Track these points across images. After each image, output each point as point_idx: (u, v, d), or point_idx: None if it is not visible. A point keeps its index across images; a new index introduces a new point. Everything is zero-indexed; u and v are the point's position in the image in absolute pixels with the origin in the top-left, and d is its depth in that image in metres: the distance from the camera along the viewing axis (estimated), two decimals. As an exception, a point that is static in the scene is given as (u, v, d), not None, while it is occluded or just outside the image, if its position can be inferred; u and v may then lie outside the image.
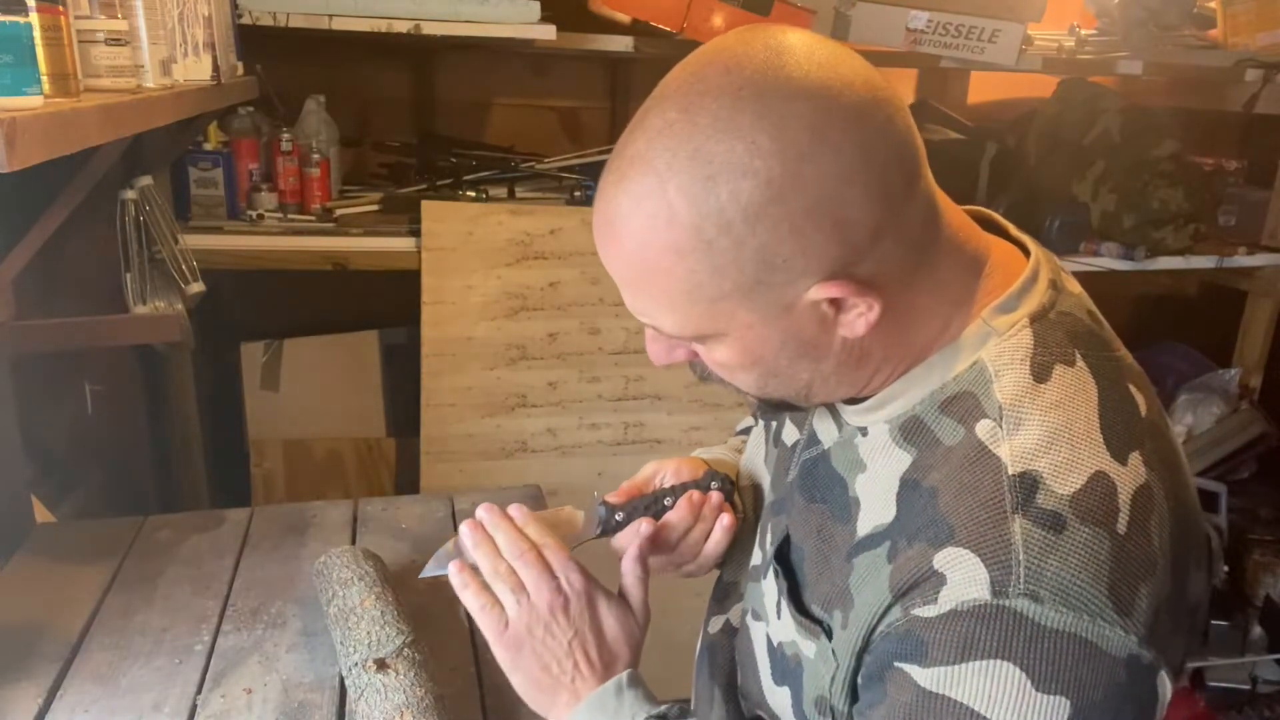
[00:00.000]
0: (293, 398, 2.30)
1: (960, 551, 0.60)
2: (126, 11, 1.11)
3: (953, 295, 0.67)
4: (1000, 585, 0.59)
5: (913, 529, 0.64)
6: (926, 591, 0.61)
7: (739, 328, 0.64)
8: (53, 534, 1.41)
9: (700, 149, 0.58)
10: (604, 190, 0.64)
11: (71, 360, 1.63)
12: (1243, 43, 2.45)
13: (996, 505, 0.61)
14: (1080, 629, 0.58)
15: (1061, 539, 0.59)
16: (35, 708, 1.02)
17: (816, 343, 0.65)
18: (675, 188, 0.59)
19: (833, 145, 0.58)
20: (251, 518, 1.46)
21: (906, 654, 0.62)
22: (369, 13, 1.83)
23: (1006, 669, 0.58)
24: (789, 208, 0.58)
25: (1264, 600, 2.34)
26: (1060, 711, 0.58)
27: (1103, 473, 0.61)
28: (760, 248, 0.59)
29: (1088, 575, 0.59)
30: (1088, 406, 0.64)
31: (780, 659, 0.75)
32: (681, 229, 0.60)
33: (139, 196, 1.64)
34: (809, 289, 0.61)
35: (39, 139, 0.78)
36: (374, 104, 2.44)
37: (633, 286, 0.66)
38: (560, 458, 2.22)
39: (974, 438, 0.64)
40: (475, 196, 2.15)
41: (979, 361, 0.66)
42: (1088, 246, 2.39)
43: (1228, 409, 2.57)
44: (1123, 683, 0.59)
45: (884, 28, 2.19)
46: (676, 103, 0.60)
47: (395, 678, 0.98)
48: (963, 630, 0.59)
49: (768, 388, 0.69)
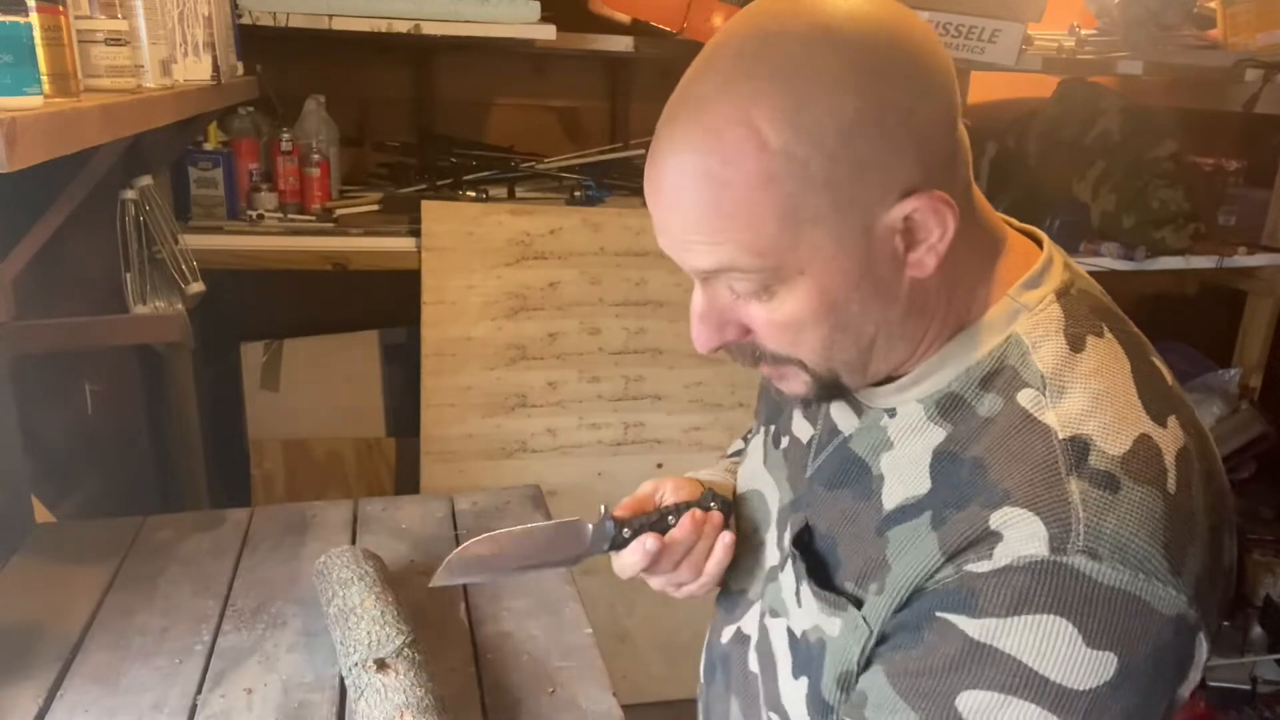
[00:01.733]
0: (293, 398, 2.30)
1: (1018, 511, 0.61)
2: (126, 11, 1.11)
3: (986, 262, 0.69)
4: (1059, 542, 0.59)
5: (961, 498, 0.64)
6: (982, 549, 0.61)
7: (821, 260, 0.62)
8: (53, 534, 1.41)
9: (786, 70, 0.59)
10: (671, 136, 0.62)
11: (71, 360, 1.63)
12: (1243, 43, 2.45)
13: (1051, 467, 0.61)
14: (1136, 587, 0.59)
15: (1118, 498, 0.60)
16: (35, 708, 1.02)
17: (888, 281, 0.64)
18: (764, 112, 0.59)
19: (916, 57, 0.61)
20: (251, 518, 1.46)
21: (954, 605, 0.62)
22: (369, 13, 1.83)
23: (1059, 624, 0.59)
24: (885, 120, 0.59)
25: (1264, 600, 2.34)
26: (1107, 667, 0.59)
27: (1147, 435, 0.63)
28: (855, 161, 0.59)
29: (1145, 534, 0.59)
30: (1123, 374, 0.65)
31: (803, 648, 0.74)
32: (774, 154, 0.59)
33: (139, 196, 1.64)
34: (894, 206, 0.61)
35: (39, 139, 0.78)
36: (374, 104, 2.44)
37: (707, 230, 0.63)
38: (560, 458, 2.22)
39: (1017, 407, 0.64)
40: (475, 196, 2.15)
41: (1013, 335, 0.67)
42: (1088, 246, 2.39)
43: (1228, 409, 2.57)
44: (1169, 642, 0.60)
45: (884, 28, 2.19)
46: (745, 39, 0.61)
47: (395, 678, 0.98)
48: (1017, 584, 0.60)
49: (833, 348, 0.67)
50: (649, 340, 2.23)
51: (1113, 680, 0.59)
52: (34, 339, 1.40)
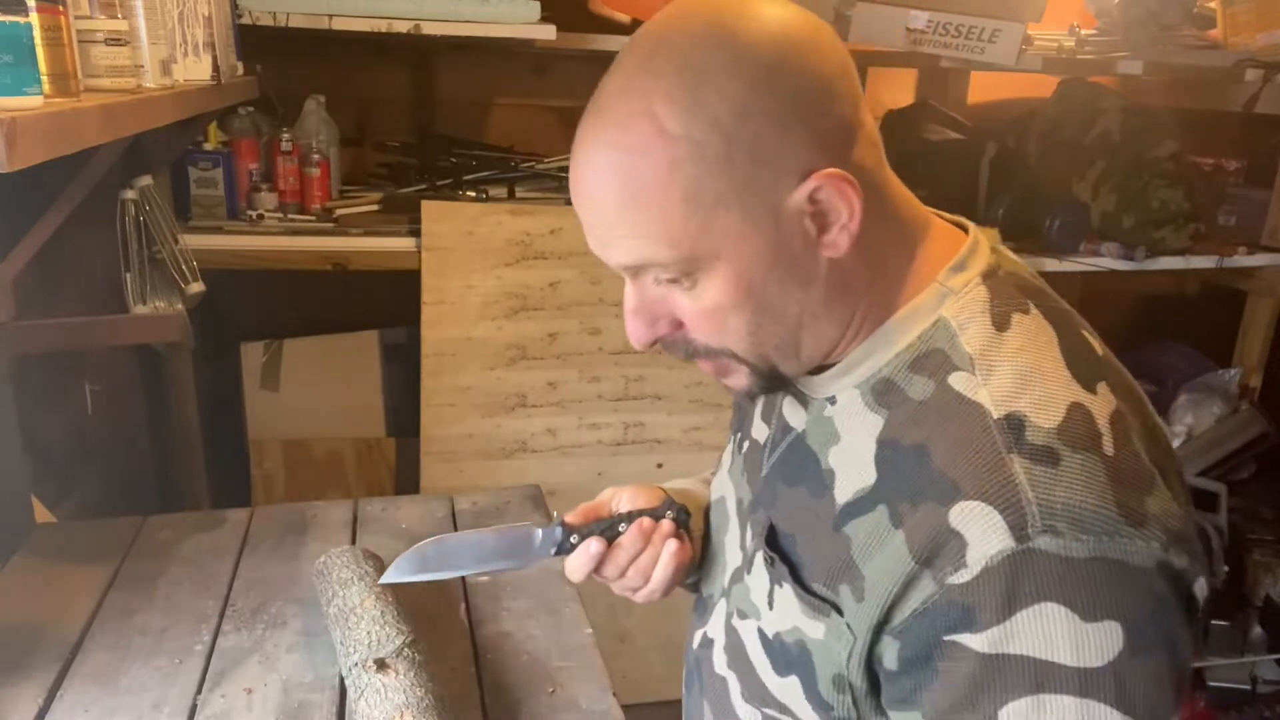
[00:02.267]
0: (293, 398, 2.30)
1: (971, 505, 0.62)
2: (126, 11, 1.11)
3: (909, 246, 0.71)
4: (1018, 528, 0.60)
5: (912, 490, 0.65)
6: (953, 556, 0.62)
7: (732, 243, 0.65)
8: (53, 534, 1.41)
9: (683, 63, 0.63)
10: (584, 135, 0.66)
11: (71, 360, 1.63)
12: (1243, 43, 2.45)
13: (991, 450, 0.63)
14: (1104, 550, 0.60)
15: (1060, 470, 0.61)
16: (35, 708, 1.02)
17: (803, 262, 0.67)
18: (662, 102, 0.63)
19: (804, 48, 0.64)
20: (251, 518, 1.46)
21: (953, 625, 0.62)
22: (369, 13, 1.83)
23: (1051, 609, 0.59)
24: (773, 102, 0.63)
25: (1264, 600, 2.34)
26: (1114, 636, 0.59)
27: (1078, 403, 0.64)
28: (750, 141, 0.63)
29: (1094, 497, 0.61)
30: (1050, 348, 0.67)
31: (779, 649, 0.75)
32: (673, 139, 0.62)
33: (139, 196, 1.64)
34: (796, 188, 0.64)
35: (39, 139, 0.78)
36: (374, 104, 2.44)
37: (623, 223, 0.66)
38: (560, 458, 2.22)
39: (949, 389, 0.66)
40: (475, 196, 2.15)
41: (941, 319, 0.69)
42: (1088, 246, 2.39)
43: (1228, 409, 2.57)
44: (1164, 593, 0.61)
45: (884, 28, 2.19)
46: (648, 41, 0.66)
47: (395, 678, 0.98)
48: (1001, 585, 0.60)
49: (760, 332, 0.69)
50: (649, 340, 2.23)
51: (1126, 647, 0.59)
52: (34, 339, 1.40)
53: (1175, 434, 2.52)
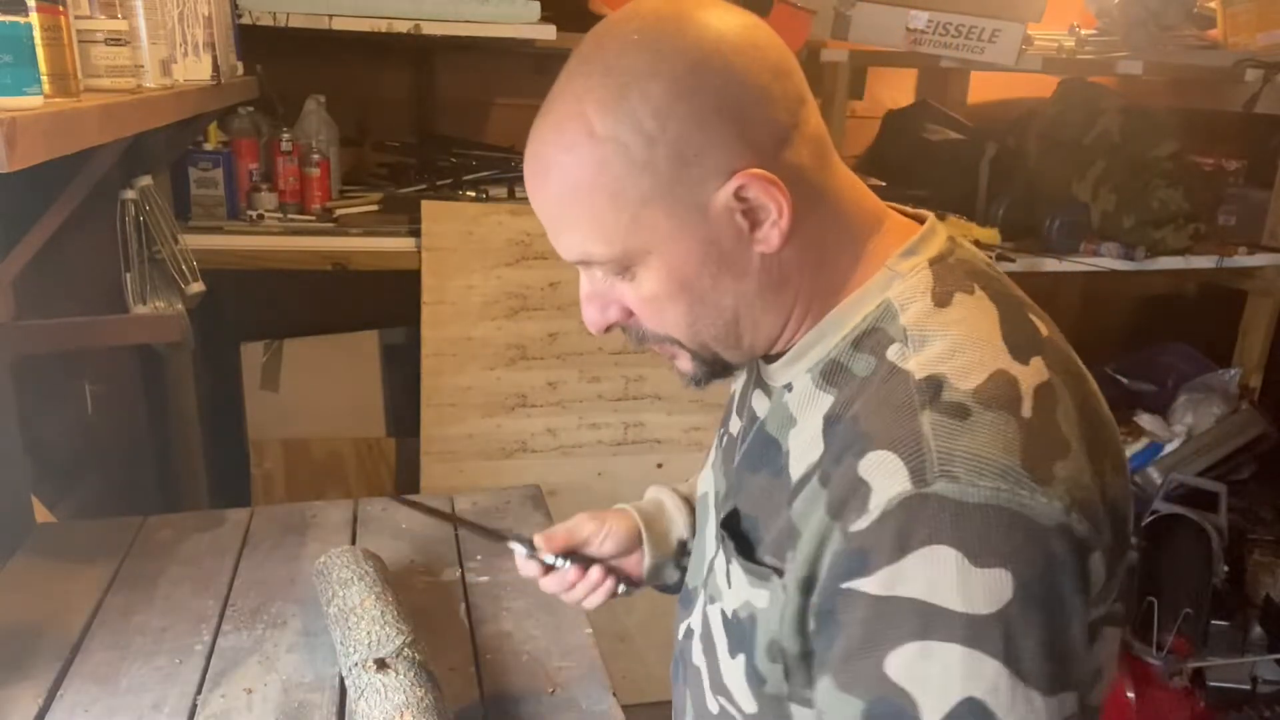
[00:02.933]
0: (293, 398, 2.30)
1: (879, 454, 0.63)
2: (126, 11, 1.11)
3: (856, 240, 0.72)
4: (918, 473, 0.61)
5: (837, 451, 0.67)
6: (858, 505, 0.63)
7: (662, 240, 0.68)
8: (53, 534, 1.41)
9: (611, 66, 0.66)
10: (531, 135, 0.70)
11: (71, 360, 1.63)
12: (1243, 43, 2.45)
13: (907, 407, 0.64)
14: (1001, 499, 0.60)
15: (968, 423, 0.62)
16: (35, 708, 1.02)
17: (735, 257, 0.69)
18: (591, 104, 0.66)
19: (730, 53, 0.66)
20: (251, 518, 1.46)
21: (851, 571, 0.63)
22: (369, 13, 1.83)
23: (942, 552, 0.59)
24: (694, 104, 0.65)
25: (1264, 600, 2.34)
26: (1003, 584, 0.59)
27: (1004, 370, 0.65)
28: (672, 142, 0.65)
29: (999, 448, 0.61)
30: (988, 322, 0.68)
31: (735, 627, 0.76)
32: (600, 140, 0.65)
33: (139, 196, 1.64)
34: (721, 187, 0.66)
35: (39, 139, 0.78)
36: (374, 104, 2.44)
37: (564, 219, 0.70)
38: (560, 458, 2.22)
39: (885, 362, 0.68)
40: (475, 196, 2.15)
41: (885, 300, 0.70)
42: (1088, 246, 2.39)
43: (1228, 409, 2.57)
44: (1060, 552, 0.60)
45: (884, 28, 2.19)
46: (588, 44, 0.69)
47: (395, 678, 0.98)
48: (895, 528, 0.61)
49: (698, 323, 0.72)
50: (649, 340, 2.23)
51: (1015, 598, 0.59)
52: (34, 339, 1.40)
53: (1175, 434, 2.52)
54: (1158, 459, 2.48)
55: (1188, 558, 2.20)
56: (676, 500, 0.99)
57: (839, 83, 2.30)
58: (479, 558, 1.37)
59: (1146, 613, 2.12)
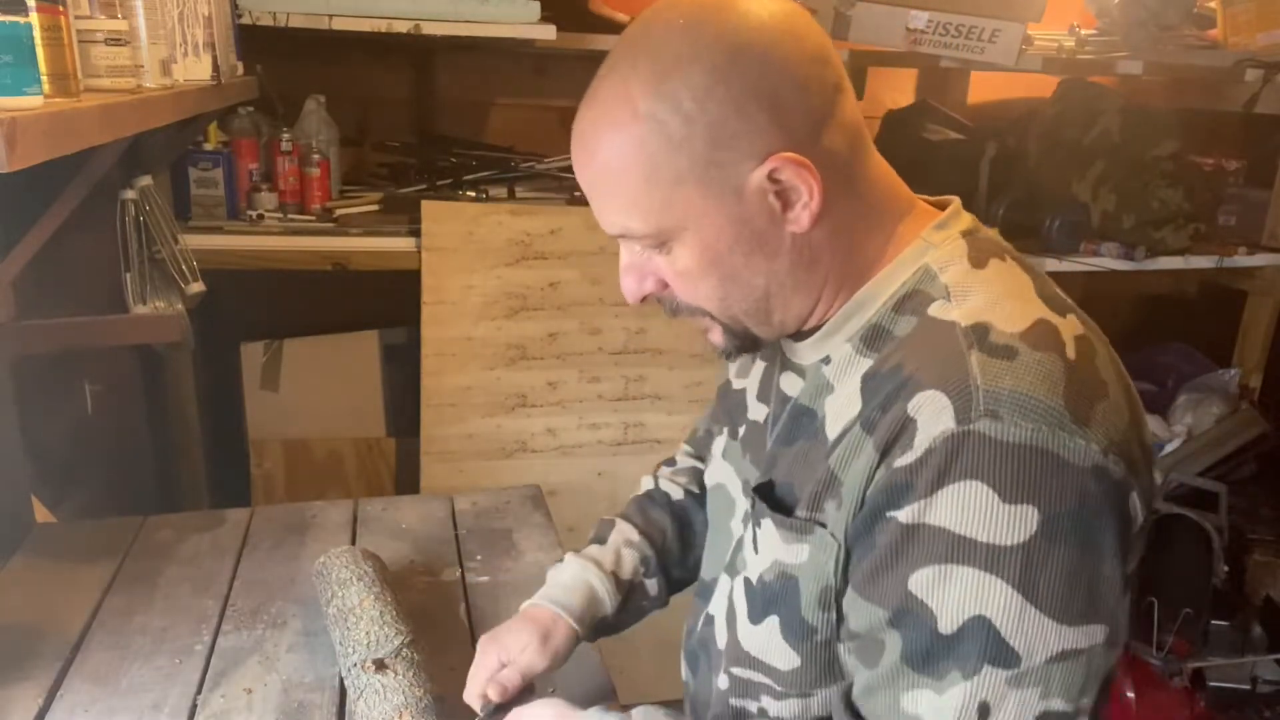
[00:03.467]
0: (293, 398, 2.30)
1: (927, 393, 0.67)
2: (126, 11, 1.11)
3: (886, 223, 0.76)
4: (963, 411, 0.64)
5: (885, 398, 0.70)
6: (905, 441, 0.67)
7: (696, 217, 0.71)
8: (53, 534, 1.41)
9: (655, 50, 0.70)
10: (578, 115, 0.74)
11: (71, 360, 1.63)
12: (1243, 43, 2.45)
13: (954, 350, 0.67)
14: (1040, 440, 0.63)
15: (1015, 363, 0.66)
16: (35, 708, 1.02)
17: (767, 237, 0.72)
18: (635, 85, 0.70)
19: (769, 41, 0.69)
20: (251, 518, 1.46)
21: (892, 501, 0.67)
22: (369, 13, 1.83)
23: (974, 487, 0.63)
24: (733, 89, 0.68)
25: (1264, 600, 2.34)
26: (1029, 521, 0.62)
27: (1045, 319, 0.69)
28: (710, 124, 0.68)
29: (1043, 389, 0.64)
30: (1023, 282, 0.73)
31: (760, 593, 0.80)
32: (642, 120, 0.69)
33: (139, 196, 1.64)
34: (755, 169, 0.69)
35: (39, 139, 0.78)
36: (374, 104, 2.44)
37: (605, 193, 0.74)
38: (560, 458, 2.22)
39: (928, 318, 0.71)
40: (475, 196, 2.15)
41: (923, 265, 0.74)
42: (1088, 246, 2.39)
43: (1228, 409, 2.57)
44: (1093, 493, 0.64)
45: (884, 28, 2.19)
46: (635, 28, 0.73)
47: (394, 678, 0.98)
48: (936, 463, 0.65)
49: (729, 299, 0.75)
50: (649, 340, 2.23)
51: (1039, 533, 0.62)
52: (34, 339, 1.40)
53: (1175, 434, 2.52)
54: (1158, 459, 2.48)
55: (1188, 558, 2.20)
56: (605, 583, 1.01)
57: (839, 83, 2.29)
58: (479, 558, 1.37)
59: (1146, 613, 2.11)
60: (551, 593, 1.00)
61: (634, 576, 1.03)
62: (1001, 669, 0.63)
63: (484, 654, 0.95)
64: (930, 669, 0.66)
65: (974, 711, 0.64)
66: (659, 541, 1.06)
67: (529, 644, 0.95)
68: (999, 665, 0.63)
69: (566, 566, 1.02)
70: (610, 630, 1.04)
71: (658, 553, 1.05)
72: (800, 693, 0.79)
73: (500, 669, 0.94)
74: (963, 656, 0.64)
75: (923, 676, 0.66)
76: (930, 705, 0.66)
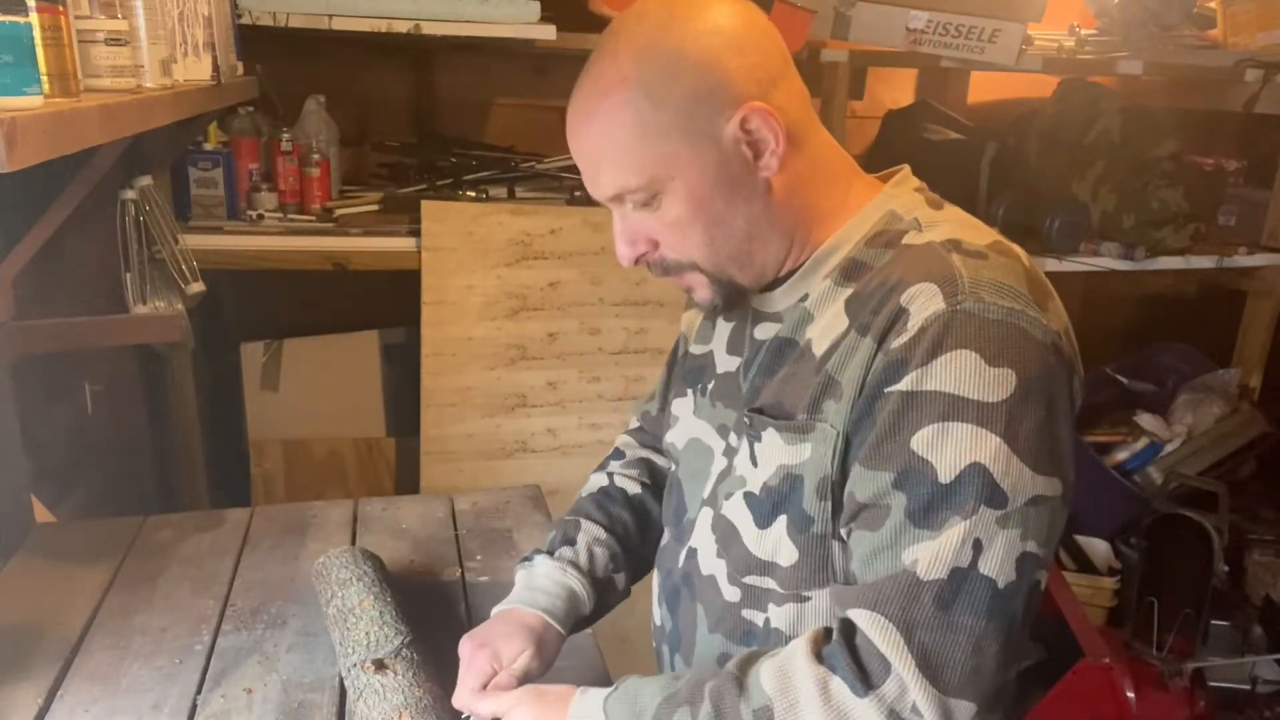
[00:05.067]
0: (293, 398, 2.30)
1: (917, 285, 0.79)
2: (126, 11, 1.11)
3: (841, 177, 0.89)
4: (950, 295, 0.77)
5: (876, 303, 0.81)
6: (899, 327, 0.78)
7: (683, 166, 0.82)
8: (53, 534, 1.41)
9: (633, 33, 0.83)
10: (572, 98, 0.85)
11: (71, 360, 1.63)
12: (1243, 43, 2.45)
13: (936, 254, 0.81)
14: (1014, 318, 0.77)
15: (988, 262, 0.80)
16: (35, 708, 1.02)
17: (743, 181, 0.83)
18: (622, 59, 0.82)
19: (732, 28, 0.83)
20: (251, 518, 1.46)
21: (891, 378, 0.78)
22: (369, 13, 1.83)
23: (964, 354, 0.75)
24: (707, 52, 0.81)
25: (1264, 600, 2.34)
26: (1009, 381, 0.75)
27: (1001, 241, 0.84)
28: (690, 83, 0.81)
29: (1013, 279, 0.79)
30: (976, 220, 0.87)
31: (765, 499, 0.87)
32: (630, 84, 0.81)
33: (139, 196, 1.64)
34: (729, 120, 0.81)
35: (39, 139, 0.78)
36: (374, 104, 2.44)
37: (601, 156, 0.84)
38: (560, 458, 2.22)
39: (902, 245, 0.84)
40: (475, 196, 2.15)
41: (888, 210, 0.88)
42: (1088, 246, 2.39)
43: (1228, 409, 2.57)
44: (1054, 364, 0.78)
45: (884, 28, 2.19)
46: (612, 27, 0.85)
47: (394, 678, 0.98)
48: (929, 338, 0.76)
49: (715, 243, 0.85)
50: (649, 340, 2.23)
51: (1016, 391, 0.75)
52: (34, 339, 1.40)
53: (1175, 434, 2.52)
54: (1158, 459, 2.48)
55: (1188, 558, 2.20)
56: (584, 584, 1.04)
57: (839, 83, 2.30)
58: (479, 558, 1.37)
59: (1146, 613, 2.11)
60: (536, 598, 1.01)
61: (606, 574, 1.06)
62: (994, 509, 0.74)
63: (474, 659, 0.95)
64: (930, 520, 0.75)
65: (969, 548, 0.74)
66: (623, 537, 1.09)
67: (525, 651, 0.95)
68: (992, 506, 0.74)
69: (540, 568, 1.04)
70: (582, 625, 1.07)
71: (623, 548, 1.08)
72: (797, 595, 0.86)
73: (493, 674, 0.94)
74: (960, 501, 0.74)
75: (923, 530, 0.75)
76: (928, 549, 0.75)
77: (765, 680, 0.77)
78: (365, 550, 1.22)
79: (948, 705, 0.73)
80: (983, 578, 0.74)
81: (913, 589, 0.74)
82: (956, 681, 0.73)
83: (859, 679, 0.74)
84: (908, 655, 0.73)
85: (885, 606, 0.75)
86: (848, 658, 0.75)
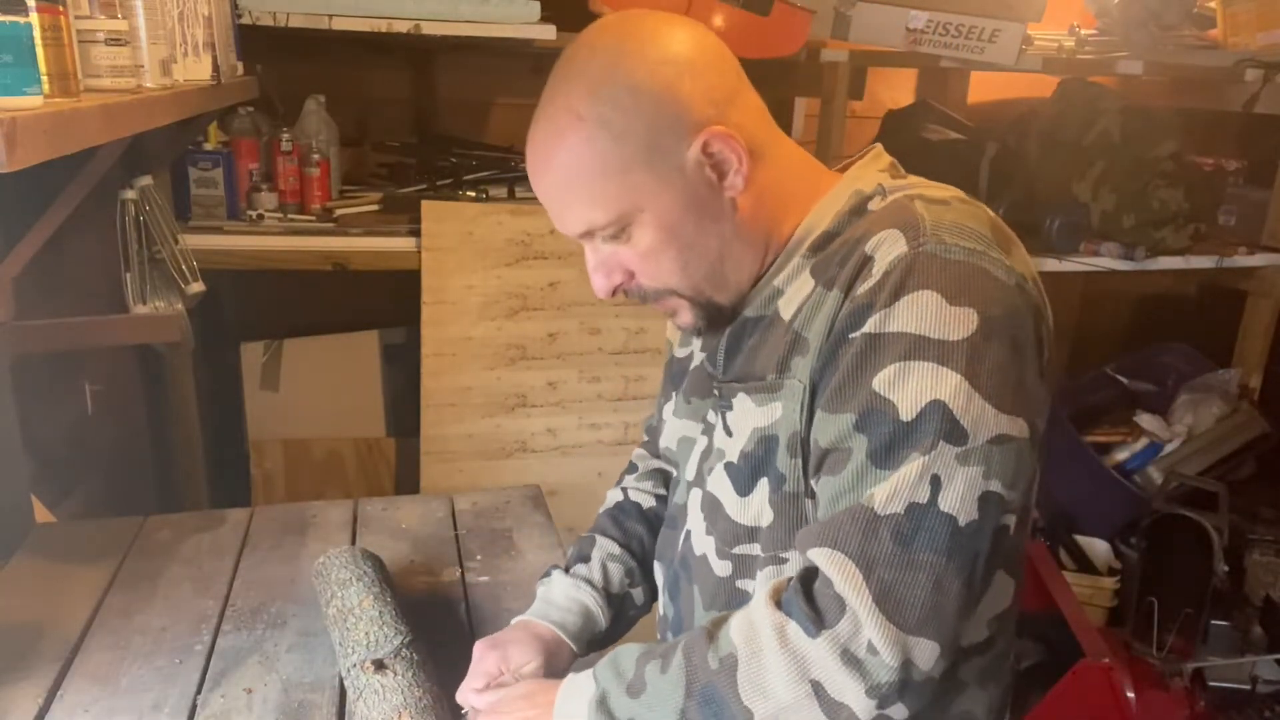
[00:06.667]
0: (293, 398, 2.30)
1: (882, 233, 0.80)
2: (126, 11, 1.11)
3: (808, 180, 0.89)
4: (913, 239, 0.78)
5: (839, 259, 0.82)
6: (865, 273, 0.79)
7: (649, 197, 0.82)
8: (53, 534, 1.41)
9: (584, 70, 0.83)
10: (529, 137, 0.84)
11: (71, 360, 1.63)
12: (1243, 43, 2.45)
13: (900, 205, 0.82)
14: (975, 259, 0.77)
15: (950, 208, 0.82)
16: (35, 708, 1.02)
17: (710, 203, 0.83)
18: (577, 98, 0.81)
19: (682, 40, 0.83)
20: (251, 518, 1.46)
21: (854, 324, 0.78)
22: (369, 13, 1.83)
23: (926, 294, 0.76)
24: (662, 82, 0.81)
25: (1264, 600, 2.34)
26: (970, 320, 0.75)
27: (964, 195, 0.85)
28: (648, 114, 0.80)
29: (975, 223, 0.80)
30: (940, 184, 0.87)
31: (742, 466, 0.88)
32: (587, 123, 0.80)
33: (139, 196, 1.64)
34: (690, 146, 0.81)
35: (39, 139, 0.78)
36: (374, 104, 2.44)
37: (565, 195, 0.84)
38: (560, 458, 2.22)
39: (868, 212, 0.85)
40: (475, 196, 2.15)
41: (854, 190, 0.87)
42: (1088, 246, 2.39)
43: (1228, 409, 2.57)
44: (1019, 305, 0.78)
45: (884, 28, 2.19)
46: (560, 66, 0.85)
47: (393, 678, 0.98)
48: (894, 280, 0.77)
49: (690, 266, 0.85)
50: (649, 340, 2.23)
51: (978, 329, 0.75)
52: (34, 339, 1.40)
53: (1175, 434, 2.52)
54: (1158, 459, 2.48)
55: (1188, 558, 2.20)
56: (598, 600, 1.05)
57: (839, 83, 2.30)
58: (479, 558, 1.37)
59: (1146, 612, 2.11)
60: (551, 613, 1.02)
61: (622, 589, 1.07)
62: (953, 445, 0.74)
63: (483, 659, 0.97)
64: (892, 460, 0.75)
65: (927, 483, 0.74)
66: (638, 551, 1.09)
67: (533, 661, 0.96)
68: (951, 441, 0.74)
69: (557, 584, 1.05)
70: (604, 643, 1.05)
71: (639, 562, 1.08)
72: (775, 558, 0.87)
73: (499, 675, 0.95)
74: (921, 438, 0.74)
75: (885, 471, 0.75)
76: (886, 484, 0.74)
77: (733, 631, 0.78)
78: (365, 550, 1.22)
79: (906, 643, 0.72)
80: (942, 514, 0.73)
81: (871, 525, 0.74)
82: (916, 619, 0.72)
83: (812, 620, 0.73)
84: (865, 592, 0.72)
85: (844, 544, 0.74)
86: (802, 601, 0.75)
